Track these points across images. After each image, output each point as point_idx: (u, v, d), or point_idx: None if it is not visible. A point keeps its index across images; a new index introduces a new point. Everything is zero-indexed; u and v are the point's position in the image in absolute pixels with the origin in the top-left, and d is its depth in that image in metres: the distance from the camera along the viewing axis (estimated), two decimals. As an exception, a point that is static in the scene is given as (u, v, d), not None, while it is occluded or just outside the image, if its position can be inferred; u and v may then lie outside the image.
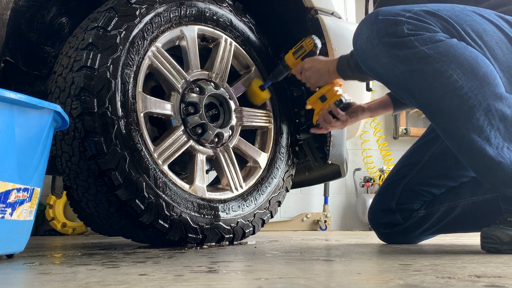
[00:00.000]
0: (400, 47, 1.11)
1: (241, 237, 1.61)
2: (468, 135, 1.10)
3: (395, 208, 1.58)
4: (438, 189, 1.56)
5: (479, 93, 1.08)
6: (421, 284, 0.62)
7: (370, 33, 1.15)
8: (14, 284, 0.69)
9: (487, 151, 1.09)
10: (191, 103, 1.52)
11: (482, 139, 1.09)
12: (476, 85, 1.08)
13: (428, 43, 1.09)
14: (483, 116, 1.08)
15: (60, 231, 3.63)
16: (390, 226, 1.59)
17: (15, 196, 0.98)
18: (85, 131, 1.26)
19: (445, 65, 1.08)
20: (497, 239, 1.09)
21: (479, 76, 1.08)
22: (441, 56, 1.08)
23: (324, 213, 4.23)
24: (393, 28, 1.11)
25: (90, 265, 0.91)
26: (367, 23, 1.17)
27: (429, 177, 1.56)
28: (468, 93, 1.08)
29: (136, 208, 1.30)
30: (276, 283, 0.66)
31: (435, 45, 1.09)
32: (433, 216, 1.54)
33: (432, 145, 1.59)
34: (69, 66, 1.32)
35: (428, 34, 1.10)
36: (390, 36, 1.12)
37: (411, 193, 1.57)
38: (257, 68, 1.79)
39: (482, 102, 1.08)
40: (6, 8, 1.39)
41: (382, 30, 1.13)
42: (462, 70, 1.08)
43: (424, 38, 1.09)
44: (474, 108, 1.08)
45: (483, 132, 1.09)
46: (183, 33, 1.54)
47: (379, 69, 1.18)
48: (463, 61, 1.08)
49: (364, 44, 1.18)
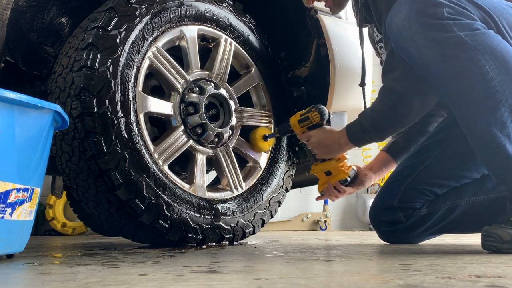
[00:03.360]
0: (438, 29, 1.10)
1: (241, 237, 1.61)
2: (490, 128, 1.09)
3: (397, 206, 1.57)
4: (440, 188, 1.55)
5: (507, 89, 1.07)
6: (421, 284, 0.62)
7: (409, 12, 1.14)
8: (14, 284, 0.69)
9: (507, 148, 1.08)
10: (191, 103, 1.52)
11: (504, 135, 1.08)
12: (506, 79, 1.07)
13: (466, 29, 1.08)
14: (508, 112, 1.07)
15: (60, 231, 3.63)
16: (392, 224, 1.59)
17: (15, 196, 0.98)
18: (85, 131, 1.26)
19: (479, 54, 1.07)
20: (497, 237, 1.09)
21: (511, 71, 1.07)
22: (476, 44, 1.07)
23: (324, 213, 4.23)
24: (433, 9, 1.10)
25: (90, 265, 0.91)
26: (407, 2, 1.16)
27: (433, 177, 1.56)
28: (497, 86, 1.07)
29: (136, 208, 1.30)
30: (276, 283, 0.66)
31: (473, 33, 1.08)
32: (435, 215, 1.53)
33: (438, 146, 1.57)
34: (69, 66, 1.32)
35: (467, 21, 1.09)
36: (430, 17, 1.10)
37: (413, 191, 1.56)
38: (257, 68, 1.79)
39: (509, 98, 1.07)
40: (6, 8, 1.39)
41: (422, 9, 1.12)
42: (495, 63, 1.07)
43: (463, 24, 1.08)
44: (500, 103, 1.07)
45: (505, 128, 1.08)
46: (183, 33, 1.54)
47: (413, 50, 1.16)
48: (497, 53, 1.07)
49: (401, 23, 1.16)
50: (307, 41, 1.84)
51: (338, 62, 1.77)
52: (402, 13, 1.16)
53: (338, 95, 1.80)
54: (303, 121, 1.61)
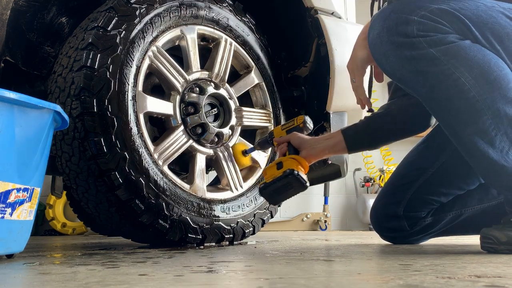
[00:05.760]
0: (409, 47, 1.10)
1: (241, 237, 1.61)
2: (471, 137, 1.09)
3: (402, 215, 1.54)
4: (446, 197, 1.53)
5: (488, 97, 1.06)
6: (421, 284, 0.62)
7: (381, 30, 1.14)
8: (14, 284, 0.69)
9: (490, 154, 1.08)
10: (191, 103, 1.52)
11: (486, 142, 1.08)
12: (486, 88, 1.06)
13: (438, 45, 1.07)
14: (490, 120, 1.07)
15: (60, 231, 3.63)
16: (395, 231, 1.57)
17: (15, 196, 0.98)
18: (85, 131, 1.26)
19: (452, 68, 1.07)
20: (494, 239, 1.09)
21: (490, 80, 1.06)
22: (449, 58, 1.07)
23: (324, 213, 4.23)
24: (403, 27, 1.10)
25: (90, 265, 0.91)
26: (380, 18, 1.16)
27: (439, 186, 1.52)
28: (476, 96, 1.06)
29: (136, 208, 1.30)
30: (276, 283, 0.66)
31: (445, 47, 1.07)
32: (439, 223, 1.52)
33: (445, 148, 1.52)
34: (69, 66, 1.32)
35: (439, 35, 1.08)
36: (400, 35, 1.10)
37: (419, 201, 1.53)
38: (257, 68, 1.79)
39: (490, 106, 1.06)
40: (6, 8, 1.39)
41: (393, 28, 1.11)
42: (471, 73, 1.06)
43: (434, 39, 1.08)
44: (481, 111, 1.07)
45: (487, 135, 1.08)
46: (183, 33, 1.54)
47: (387, 66, 1.17)
48: (473, 64, 1.07)
49: (374, 39, 1.17)
50: (307, 41, 1.84)
51: (338, 62, 1.76)
52: (375, 30, 1.16)
53: (338, 95, 1.79)
54: (286, 124, 1.53)
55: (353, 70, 1.37)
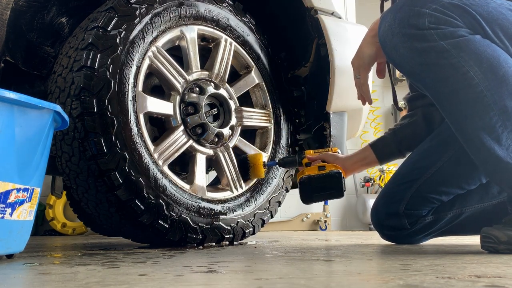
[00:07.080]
0: (419, 39, 1.10)
1: (241, 237, 1.61)
2: (478, 133, 1.09)
3: (403, 213, 1.54)
4: (447, 196, 1.53)
5: (495, 93, 1.06)
6: (421, 284, 0.62)
7: (392, 22, 1.14)
8: (14, 284, 0.69)
9: (496, 150, 1.09)
10: (191, 103, 1.52)
11: (492, 138, 1.08)
12: (494, 84, 1.06)
13: (449, 38, 1.08)
14: (497, 116, 1.07)
15: (60, 231, 3.64)
16: (395, 229, 1.57)
17: (15, 196, 0.98)
18: (85, 131, 1.26)
19: (462, 61, 1.07)
20: (495, 238, 1.09)
21: (499, 75, 1.07)
22: (459, 51, 1.07)
23: (324, 213, 4.23)
24: (415, 19, 1.10)
25: (90, 265, 0.91)
26: (392, 10, 1.16)
27: (440, 184, 1.51)
28: (484, 91, 1.07)
29: (136, 208, 1.30)
30: (276, 283, 0.66)
31: (455, 41, 1.08)
32: (440, 222, 1.52)
33: (447, 148, 1.51)
34: (69, 66, 1.32)
35: (450, 28, 1.08)
36: (411, 27, 1.11)
37: (420, 199, 1.53)
38: (257, 68, 1.79)
39: (498, 102, 1.07)
40: (6, 8, 1.39)
41: (404, 20, 1.12)
42: (480, 68, 1.07)
43: (445, 32, 1.08)
44: (488, 107, 1.07)
45: (494, 131, 1.08)
46: (183, 33, 1.54)
47: (397, 58, 1.17)
48: (482, 58, 1.07)
49: (385, 32, 1.17)
50: (307, 41, 1.84)
51: (338, 62, 1.76)
52: (386, 22, 1.17)
53: (338, 95, 1.79)
54: (318, 150, 1.63)
55: (358, 66, 1.41)
